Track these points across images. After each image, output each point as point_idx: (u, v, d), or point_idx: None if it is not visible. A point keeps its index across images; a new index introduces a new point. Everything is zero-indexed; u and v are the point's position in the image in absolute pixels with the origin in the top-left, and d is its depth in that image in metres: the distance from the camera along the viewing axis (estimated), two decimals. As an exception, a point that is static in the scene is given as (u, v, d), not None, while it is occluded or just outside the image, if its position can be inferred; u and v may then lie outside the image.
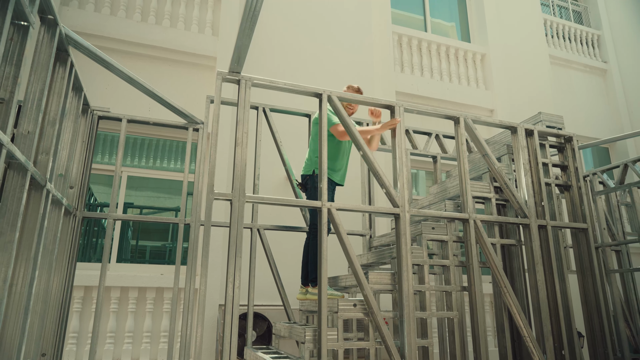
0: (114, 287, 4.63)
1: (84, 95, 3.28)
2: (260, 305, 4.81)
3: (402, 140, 3.15)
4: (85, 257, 5.00)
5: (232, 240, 2.56)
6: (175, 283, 3.61)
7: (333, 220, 2.81)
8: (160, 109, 4.72)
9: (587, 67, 8.84)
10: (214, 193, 2.62)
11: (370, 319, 2.78)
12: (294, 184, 4.05)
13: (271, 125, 4.09)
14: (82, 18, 5.26)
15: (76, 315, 4.47)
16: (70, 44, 2.69)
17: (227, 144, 5.26)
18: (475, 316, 3.08)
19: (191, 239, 3.68)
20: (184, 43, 5.62)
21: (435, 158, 4.74)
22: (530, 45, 8.11)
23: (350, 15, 6.73)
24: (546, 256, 3.48)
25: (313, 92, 3.01)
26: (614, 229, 5.06)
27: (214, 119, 2.75)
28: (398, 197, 3.00)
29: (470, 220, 3.21)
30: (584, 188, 3.92)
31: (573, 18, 9.47)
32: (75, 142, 3.16)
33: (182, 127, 3.95)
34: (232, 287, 2.51)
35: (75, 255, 3.46)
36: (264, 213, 4.73)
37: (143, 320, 4.71)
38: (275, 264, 3.91)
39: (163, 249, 5.46)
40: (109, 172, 5.23)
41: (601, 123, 8.48)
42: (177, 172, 5.53)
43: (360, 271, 2.77)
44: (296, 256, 4.74)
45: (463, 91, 7.22)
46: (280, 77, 4.95)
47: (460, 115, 3.44)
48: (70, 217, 3.30)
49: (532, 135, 3.74)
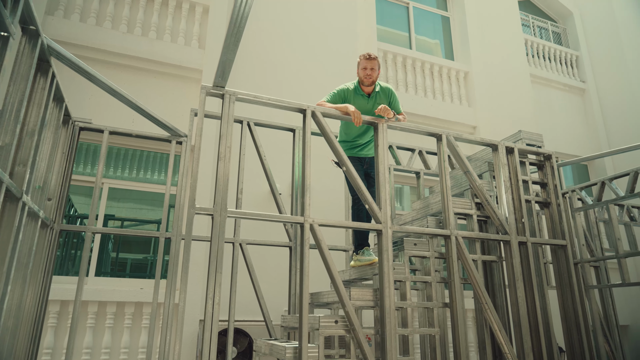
0: (92, 301, 4.52)
1: (65, 106, 3.25)
2: (241, 321, 4.74)
3: (385, 157, 3.18)
4: (63, 270, 4.88)
5: (213, 255, 2.53)
6: (155, 298, 3.54)
7: (315, 235, 2.80)
8: (144, 121, 4.68)
9: (566, 87, 9.07)
10: (195, 207, 2.60)
11: (352, 336, 2.76)
12: (277, 199, 4.04)
13: (255, 140, 4.09)
14: (67, 28, 5.22)
15: (51, 330, 4.35)
16: (52, 55, 2.66)
17: (211, 158, 5.23)
18: (457, 332, 3.08)
19: (172, 253, 3.62)
20: (170, 55, 5.61)
21: (418, 174, 4.79)
22: (511, 64, 8.30)
23: (336, 31, 6.82)
24: (526, 272, 3.52)
25: (297, 107, 3.03)
26: (593, 245, 5.15)
27: (197, 132, 2.73)
28: (381, 213, 3.02)
29: (452, 237, 3.23)
30: (563, 205, 3.99)
31: (553, 39, 9.74)
32: (54, 154, 3.11)
33: (165, 139, 3.92)
34: (212, 302, 2.47)
35: (51, 268, 3.37)
36: (247, 227, 4.70)
37: (121, 335, 4.60)
38: (257, 279, 3.87)
39: (144, 262, 5.36)
40: (90, 184, 5.14)
41: (580, 141, 8.69)
42: (159, 185, 5.47)
43: (342, 287, 2.76)
44: (278, 270, 4.71)
45: (446, 108, 7.34)
46: (265, 92, 4.95)
47: (442, 132, 3.49)
48: (47, 229, 3.23)
49: (513, 153, 3.81)
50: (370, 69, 3.47)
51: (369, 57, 3.48)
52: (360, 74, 3.52)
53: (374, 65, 3.47)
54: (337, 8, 6.98)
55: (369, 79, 3.50)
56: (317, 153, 3.69)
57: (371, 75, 3.48)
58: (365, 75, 3.49)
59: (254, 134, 4.08)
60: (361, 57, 3.51)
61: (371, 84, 3.53)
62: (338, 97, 3.53)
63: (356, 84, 3.58)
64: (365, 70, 3.48)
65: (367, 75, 3.48)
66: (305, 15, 6.68)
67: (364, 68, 3.48)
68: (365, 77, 3.49)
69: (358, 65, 3.54)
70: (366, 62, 3.47)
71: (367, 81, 3.50)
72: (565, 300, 3.73)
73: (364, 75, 3.49)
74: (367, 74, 3.48)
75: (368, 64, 3.47)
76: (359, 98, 3.55)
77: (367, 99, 3.57)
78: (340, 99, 3.52)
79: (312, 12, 6.75)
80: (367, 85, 3.54)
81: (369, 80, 3.50)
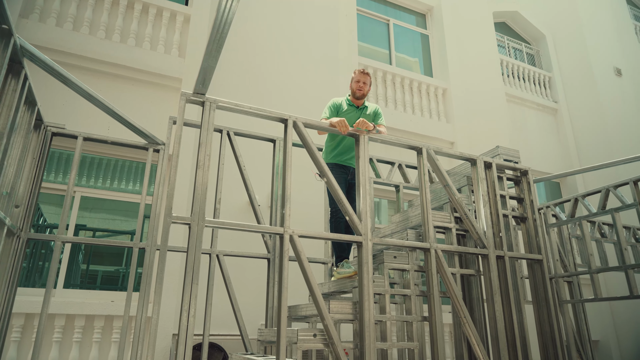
0: (59, 314, 4.33)
1: (38, 110, 3.13)
2: (216, 335, 4.61)
3: (366, 169, 3.17)
4: (30, 282, 4.67)
5: (189, 265, 2.45)
6: (126, 311, 3.41)
7: (295, 247, 2.76)
8: (120, 129, 4.56)
9: (539, 106, 9.35)
10: (171, 216, 2.52)
11: (331, 350, 2.70)
12: (256, 209, 3.98)
13: (235, 149, 4.04)
14: (43, 32, 5.08)
15: (14, 345, 4.13)
16: (26, 56, 2.57)
17: (189, 168, 5.14)
18: (436, 347, 3.06)
19: (146, 263, 3.51)
20: (149, 63, 5.53)
21: (397, 187, 4.81)
22: (487, 83, 8.52)
23: (318, 45, 6.87)
24: (504, 286, 3.54)
25: (279, 117, 3.00)
26: (566, 261, 5.24)
27: (175, 139, 2.67)
28: (361, 225, 3.00)
29: (431, 250, 3.23)
30: (539, 220, 4.06)
31: (527, 60, 10.07)
32: (24, 159, 2.99)
33: (142, 147, 3.83)
34: (187, 315, 2.39)
35: (16, 279, 3.21)
36: (225, 238, 4.60)
37: (89, 350, 4.40)
38: (233, 292, 3.77)
39: (116, 274, 5.18)
40: (62, 192, 4.96)
41: (552, 159, 8.94)
42: (134, 194, 5.32)
43: (322, 300, 2.71)
44: (256, 283, 4.62)
45: (425, 123, 7.44)
46: (246, 102, 4.92)
47: (422, 145, 3.52)
48: (13, 237, 3.08)
49: (491, 168, 3.86)
50: (363, 83, 3.78)
51: (363, 72, 3.81)
52: (354, 86, 3.81)
53: (366, 80, 3.79)
54: (319, 21, 7.04)
55: (361, 92, 3.80)
56: (297, 164, 3.67)
57: (362, 89, 3.79)
58: (357, 88, 3.79)
59: (233, 143, 4.03)
60: (356, 71, 3.83)
61: (362, 97, 3.82)
62: (334, 111, 3.78)
63: (347, 98, 3.87)
64: (359, 83, 3.78)
65: (359, 87, 3.78)
66: (287, 31, 6.71)
67: (357, 81, 3.78)
68: (357, 89, 3.79)
69: (352, 80, 3.83)
70: (360, 75, 3.79)
71: (358, 93, 3.79)
72: (541, 315, 3.76)
73: (357, 87, 3.79)
74: (359, 87, 3.78)
75: (362, 78, 3.78)
76: (349, 109, 3.80)
77: (356, 110, 3.81)
78: (335, 111, 3.77)
79: (294, 28, 6.79)
80: (358, 98, 3.81)
81: (361, 93, 3.80)
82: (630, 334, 7.62)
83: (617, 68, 9.80)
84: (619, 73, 9.78)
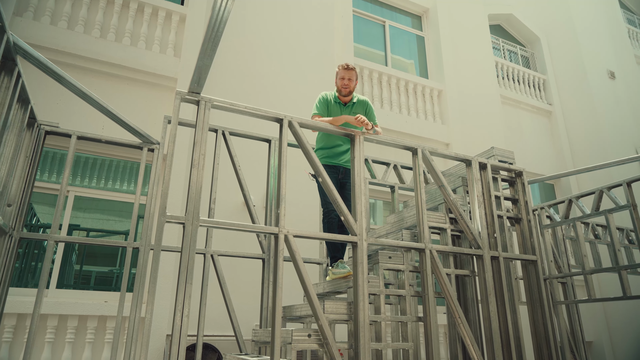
0: (52, 314, 4.29)
1: (31, 108, 3.11)
2: (210, 335, 4.59)
3: (361, 169, 3.17)
4: (22, 282, 4.62)
5: (183, 265, 2.44)
6: (120, 311, 3.38)
7: (290, 247, 2.75)
8: (115, 128, 4.54)
9: (534, 108, 9.40)
10: (166, 215, 2.50)
11: (325, 350, 2.69)
12: (251, 209, 3.97)
13: (230, 149, 4.02)
14: (37, 30, 5.05)
15: (5, 345, 4.09)
16: (19, 53, 2.55)
17: (184, 167, 5.12)
18: (431, 347, 3.06)
19: (139, 263, 3.48)
20: (144, 62, 5.50)
21: (393, 188, 4.81)
22: (483, 85, 8.55)
23: (313, 45, 6.86)
24: (498, 287, 3.54)
25: (274, 116, 2.99)
26: (560, 262, 5.27)
27: (170, 139, 2.66)
28: (356, 225, 2.99)
29: (426, 250, 3.23)
30: (533, 221, 4.07)
31: (521, 62, 10.12)
32: (17, 157, 2.96)
33: (136, 146, 3.81)
34: (181, 315, 2.37)
35: (8, 279, 3.18)
36: (219, 238, 4.58)
37: (82, 351, 4.37)
38: (228, 292, 3.76)
39: (110, 274, 5.14)
40: (55, 191, 4.93)
41: (546, 160, 8.99)
42: (128, 194, 5.29)
43: (316, 300, 2.70)
44: (251, 283, 4.60)
45: (421, 124, 7.46)
46: (242, 103, 4.91)
47: (418, 146, 3.52)
48: (5, 237, 3.05)
49: (486, 169, 3.87)
50: (348, 79, 3.52)
51: (347, 67, 3.53)
52: (338, 84, 3.57)
53: (351, 76, 3.52)
54: (315, 22, 7.04)
55: (346, 89, 3.55)
56: (292, 164, 3.66)
57: (348, 85, 3.54)
58: (342, 85, 3.54)
59: (228, 143, 4.02)
60: (339, 67, 3.56)
61: (348, 94, 3.58)
62: (324, 106, 3.59)
63: (334, 94, 3.64)
64: (343, 80, 3.53)
65: (344, 85, 3.53)
66: (283, 30, 6.70)
67: (342, 78, 3.53)
68: (342, 87, 3.55)
69: (336, 75, 3.58)
70: (344, 72, 3.52)
71: (344, 91, 3.56)
72: (536, 316, 3.77)
73: (342, 85, 3.55)
74: (344, 84, 3.53)
75: (346, 74, 3.52)
76: (336, 107, 3.60)
77: (344, 108, 3.62)
78: (325, 107, 3.58)
79: (290, 27, 6.78)
80: (344, 95, 3.59)
81: (346, 90, 3.56)
82: (624, 335, 7.66)
83: (610, 71, 9.88)
84: (613, 76, 9.85)
